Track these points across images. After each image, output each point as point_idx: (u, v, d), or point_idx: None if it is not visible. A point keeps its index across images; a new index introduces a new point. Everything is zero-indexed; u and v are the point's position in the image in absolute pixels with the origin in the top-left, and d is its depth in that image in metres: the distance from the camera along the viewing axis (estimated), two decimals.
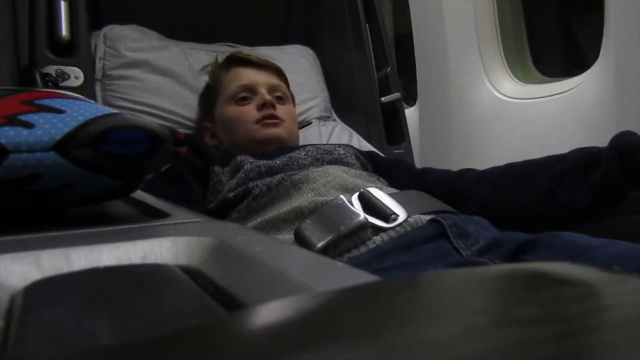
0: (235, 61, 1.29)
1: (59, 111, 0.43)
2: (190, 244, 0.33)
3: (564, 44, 1.78)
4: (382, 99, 1.55)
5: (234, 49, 1.45)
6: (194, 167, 1.05)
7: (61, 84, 1.20)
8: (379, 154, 1.26)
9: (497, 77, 1.64)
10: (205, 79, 1.36)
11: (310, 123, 1.52)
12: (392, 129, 1.56)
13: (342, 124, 1.58)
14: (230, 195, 0.97)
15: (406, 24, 1.94)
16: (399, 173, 1.11)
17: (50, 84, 1.18)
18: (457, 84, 1.70)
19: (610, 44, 1.25)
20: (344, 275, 0.27)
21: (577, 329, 0.14)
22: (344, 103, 1.64)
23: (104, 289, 0.26)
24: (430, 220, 0.80)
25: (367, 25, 1.59)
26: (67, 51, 1.23)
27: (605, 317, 0.15)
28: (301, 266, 0.29)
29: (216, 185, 1.02)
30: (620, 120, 1.21)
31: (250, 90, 1.22)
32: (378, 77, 1.57)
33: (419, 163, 1.62)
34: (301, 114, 1.47)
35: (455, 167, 1.07)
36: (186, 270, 0.30)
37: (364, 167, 1.11)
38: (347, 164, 1.06)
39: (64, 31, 1.22)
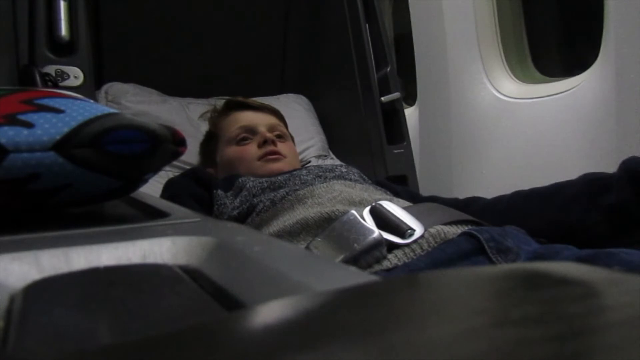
0: (234, 106, 1.31)
1: (58, 111, 0.43)
2: (190, 243, 0.33)
3: (564, 44, 1.78)
4: (382, 98, 1.55)
5: None
6: (197, 196, 1.06)
7: (61, 84, 1.20)
8: (382, 180, 1.24)
9: (497, 77, 1.64)
10: (203, 130, 1.39)
11: (309, 162, 1.55)
12: (392, 128, 1.56)
13: (340, 161, 1.60)
14: (235, 213, 0.96)
15: (406, 24, 1.94)
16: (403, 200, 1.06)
17: (49, 83, 1.18)
18: (457, 84, 1.70)
19: (610, 44, 1.25)
20: (344, 275, 0.27)
21: (577, 329, 0.14)
22: (341, 144, 1.67)
23: (103, 289, 0.26)
24: (465, 233, 0.76)
25: (367, 26, 1.59)
26: (66, 51, 1.23)
27: (605, 317, 0.15)
28: (301, 266, 0.29)
29: (220, 207, 1.02)
30: (620, 120, 1.21)
31: (250, 131, 1.23)
32: (378, 77, 1.58)
33: (418, 163, 1.62)
34: (299, 154, 1.50)
35: (454, 167, 1.07)
36: (186, 270, 0.30)
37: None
38: (351, 180, 1.04)
39: (64, 31, 1.22)
